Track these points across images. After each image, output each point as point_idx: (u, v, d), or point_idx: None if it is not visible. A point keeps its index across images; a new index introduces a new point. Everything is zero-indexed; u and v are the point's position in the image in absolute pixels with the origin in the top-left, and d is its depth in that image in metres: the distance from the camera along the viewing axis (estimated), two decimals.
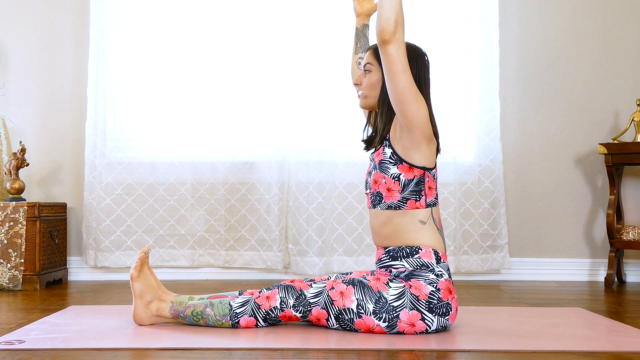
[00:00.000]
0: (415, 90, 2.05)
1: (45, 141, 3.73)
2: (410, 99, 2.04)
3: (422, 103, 2.07)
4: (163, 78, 3.66)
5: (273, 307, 2.14)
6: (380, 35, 2.00)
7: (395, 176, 2.12)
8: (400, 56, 2.01)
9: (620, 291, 3.28)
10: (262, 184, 3.62)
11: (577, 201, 3.74)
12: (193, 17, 3.67)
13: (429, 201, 2.14)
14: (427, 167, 2.13)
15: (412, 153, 2.10)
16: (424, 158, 2.12)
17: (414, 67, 2.13)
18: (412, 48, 2.18)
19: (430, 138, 2.11)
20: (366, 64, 2.22)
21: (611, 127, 3.74)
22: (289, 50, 3.64)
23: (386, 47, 2.00)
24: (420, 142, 2.09)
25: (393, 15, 1.99)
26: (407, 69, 2.03)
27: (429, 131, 2.09)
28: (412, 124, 2.06)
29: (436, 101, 3.62)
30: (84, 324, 2.27)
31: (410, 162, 2.11)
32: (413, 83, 2.05)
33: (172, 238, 3.63)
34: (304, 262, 3.56)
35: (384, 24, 1.99)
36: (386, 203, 2.15)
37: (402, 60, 2.02)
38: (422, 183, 2.13)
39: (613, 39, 3.75)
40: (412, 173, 2.12)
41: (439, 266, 2.10)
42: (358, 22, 2.53)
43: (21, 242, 3.27)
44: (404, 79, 2.03)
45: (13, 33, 3.73)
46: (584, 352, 1.89)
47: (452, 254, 3.59)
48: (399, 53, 2.01)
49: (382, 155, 2.15)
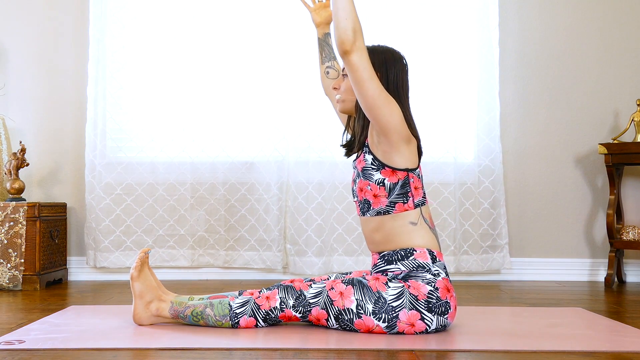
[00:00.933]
0: (385, 95, 2.05)
1: (45, 141, 3.73)
2: (381, 104, 2.03)
3: (394, 106, 2.06)
4: (163, 78, 3.66)
5: (273, 308, 2.14)
6: (340, 46, 2.00)
7: (380, 181, 2.12)
8: (364, 64, 2.01)
9: (620, 291, 3.28)
10: (262, 184, 3.62)
11: (577, 201, 3.74)
12: (193, 17, 3.67)
13: (417, 201, 2.14)
14: (410, 168, 2.13)
15: (392, 156, 2.10)
16: (405, 160, 2.11)
17: (391, 71, 2.14)
18: (389, 52, 2.18)
19: (408, 139, 2.10)
20: (344, 67, 2.22)
21: (611, 127, 3.74)
22: (289, 50, 3.64)
23: (348, 57, 2.00)
24: (399, 145, 2.09)
25: (350, 25, 1.98)
26: (373, 75, 2.03)
27: (406, 132, 2.09)
28: (388, 128, 2.06)
29: (436, 101, 3.65)
30: (84, 324, 2.27)
31: (392, 165, 2.11)
32: (381, 88, 2.04)
33: (172, 238, 3.63)
34: (303, 262, 3.56)
35: (342, 35, 1.99)
36: (375, 209, 2.15)
37: (367, 68, 2.01)
38: (408, 184, 2.13)
39: (613, 39, 3.75)
40: (395, 176, 2.11)
41: (435, 265, 2.11)
42: (319, 32, 2.54)
43: (21, 242, 3.27)
44: (372, 86, 2.02)
45: (13, 33, 3.73)
46: (584, 352, 1.89)
47: (452, 254, 3.59)
48: (362, 61, 2.00)
49: (364, 163, 2.16)
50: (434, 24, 3.67)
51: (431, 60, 3.67)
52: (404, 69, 2.19)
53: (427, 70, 3.66)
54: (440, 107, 3.66)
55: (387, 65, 2.14)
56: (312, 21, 2.55)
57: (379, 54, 2.16)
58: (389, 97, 2.06)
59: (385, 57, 2.15)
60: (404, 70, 2.19)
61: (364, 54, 2.00)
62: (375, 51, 2.17)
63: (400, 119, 2.07)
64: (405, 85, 2.19)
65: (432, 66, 3.66)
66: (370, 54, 2.13)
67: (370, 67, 2.02)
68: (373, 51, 2.16)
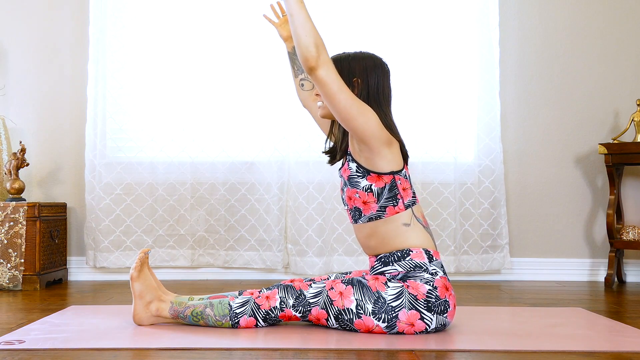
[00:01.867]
0: (357, 103, 2.04)
1: (45, 141, 3.73)
2: (355, 113, 2.03)
3: (369, 113, 2.06)
4: (163, 78, 3.66)
5: (273, 307, 2.14)
6: (305, 64, 2.00)
7: (367, 188, 2.12)
8: (332, 76, 2.01)
9: (620, 291, 3.28)
10: (262, 184, 3.62)
11: (577, 201, 3.74)
12: (193, 17, 3.67)
13: (407, 202, 2.14)
14: (395, 171, 2.13)
15: (376, 162, 2.10)
16: (389, 163, 2.11)
17: (372, 77, 2.15)
18: (370, 58, 2.19)
19: (389, 142, 2.10)
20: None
21: (611, 127, 3.74)
22: None
23: (315, 73, 2.00)
24: (380, 150, 2.09)
25: (311, 41, 1.98)
26: (343, 86, 2.02)
27: (385, 136, 2.09)
28: (366, 135, 2.06)
29: (436, 101, 3.65)
30: (84, 324, 2.27)
31: (377, 170, 2.11)
32: (353, 97, 2.04)
33: (172, 238, 3.63)
34: (304, 262, 3.56)
35: (305, 52, 1.98)
36: (366, 216, 2.16)
37: (335, 80, 2.01)
38: (395, 187, 2.13)
39: (613, 39, 3.75)
40: (382, 181, 2.11)
41: (433, 264, 2.11)
42: (287, 46, 2.54)
43: (21, 242, 3.27)
44: (343, 97, 2.02)
45: (13, 33, 3.73)
46: (584, 352, 1.89)
47: (452, 254, 3.59)
48: (329, 74, 2.00)
49: (349, 171, 2.16)
50: (434, 24, 3.68)
51: (431, 60, 3.67)
52: (385, 75, 2.19)
53: (427, 70, 3.66)
54: (441, 107, 3.66)
55: (368, 72, 2.15)
56: (279, 36, 2.56)
57: (360, 61, 2.17)
58: (362, 105, 2.06)
59: (365, 64, 2.16)
60: (385, 76, 2.19)
61: (330, 66, 2.00)
62: (356, 58, 2.18)
63: (377, 124, 2.07)
64: (386, 90, 2.19)
65: (432, 66, 3.66)
66: (352, 60, 2.16)
67: (339, 78, 2.02)
68: (354, 58, 2.18)
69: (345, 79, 2.12)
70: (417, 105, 3.66)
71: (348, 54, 2.20)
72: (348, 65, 2.16)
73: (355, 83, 2.14)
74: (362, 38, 3.65)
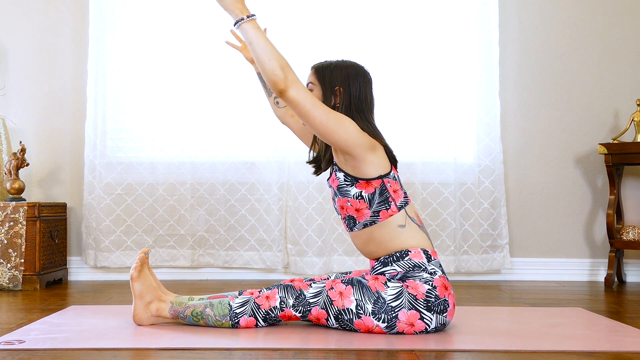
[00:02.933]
0: (333, 115, 2.05)
1: (45, 141, 3.73)
2: (333, 127, 2.04)
3: (346, 122, 2.06)
4: (163, 78, 3.66)
5: (273, 307, 2.14)
6: (274, 88, 2.00)
7: (358, 195, 2.13)
8: (303, 95, 2.01)
9: (620, 291, 3.28)
10: (262, 184, 3.62)
11: (577, 201, 3.74)
12: (193, 17, 3.67)
13: (399, 203, 2.15)
14: (383, 174, 2.13)
15: (362, 169, 2.11)
16: (376, 167, 2.12)
17: (353, 85, 2.16)
18: (352, 66, 2.20)
19: (372, 147, 2.11)
20: (308, 83, 2.24)
21: (611, 127, 3.74)
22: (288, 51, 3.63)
23: (285, 95, 2.00)
24: (364, 156, 2.09)
25: (275, 64, 1.98)
26: (315, 102, 2.03)
27: (368, 141, 2.09)
28: (348, 146, 2.06)
29: (436, 101, 3.65)
30: (84, 324, 2.27)
31: (365, 177, 2.11)
32: (328, 111, 2.04)
33: (172, 238, 3.63)
34: (304, 262, 3.56)
35: (271, 76, 1.99)
36: (361, 223, 2.16)
37: (307, 97, 2.02)
38: (385, 190, 2.13)
39: (613, 39, 3.75)
40: (371, 186, 2.12)
41: (431, 264, 2.11)
42: (255, 67, 2.53)
43: (21, 242, 3.27)
44: (317, 113, 2.02)
45: (13, 33, 3.73)
46: (584, 352, 1.89)
47: (452, 254, 3.59)
48: (300, 93, 2.01)
49: (338, 181, 2.17)
50: (434, 24, 3.68)
51: (431, 60, 3.67)
52: (367, 83, 2.21)
53: (427, 70, 3.66)
54: (441, 107, 3.66)
55: (350, 80, 2.17)
56: (245, 59, 2.55)
57: (342, 69, 2.19)
58: (338, 116, 2.06)
59: (347, 72, 2.18)
60: (367, 84, 2.21)
61: (299, 85, 2.01)
62: (338, 66, 2.20)
63: (356, 131, 2.07)
64: (369, 98, 2.21)
65: (432, 66, 3.66)
66: (334, 69, 2.18)
67: (310, 95, 2.03)
68: (336, 66, 2.20)
69: (327, 88, 2.16)
70: (417, 105, 3.66)
71: (330, 62, 2.23)
72: (330, 74, 2.18)
73: (338, 91, 2.17)
74: (362, 38, 3.66)
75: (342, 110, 2.16)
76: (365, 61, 3.63)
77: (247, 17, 2.04)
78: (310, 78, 2.24)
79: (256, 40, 2.01)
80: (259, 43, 2.01)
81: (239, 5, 2.05)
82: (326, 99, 2.18)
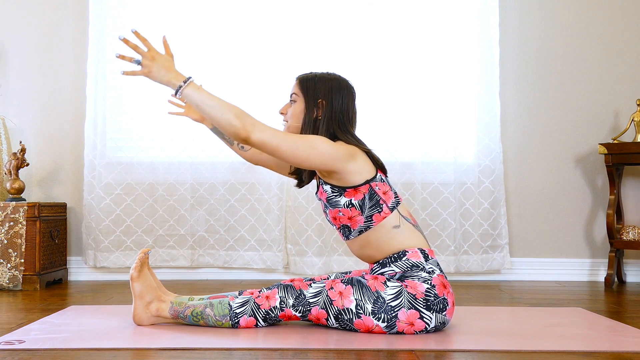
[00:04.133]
0: (301, 142, 2.04)
1: (45, 141, 3.73)
2: (305, 154, 2.04)
3: (316, 143, 2.05)
4: None
5: (273, 307, 2.14)
6: (236, 137, 2.01)
7: (348, 204, 2.13)
8: (267, 134, 2.01)
9: (620, 291, 3.28)
10: (262, 184, 3.62)
11: (577, 201, 3.74)
12: (193, 17, 3.67)
13: (391, 204, 2.15)
14: (369, 178, 2.13)
15: (347, 178, 2.11)
16: (361, 173, 2.12)
17: (336, 98, 2.17)
18: (335, 80, 2.21)
19: (351, 155, 2.10)
20: (292, 94, 2.25)
21: (611, 127, 3.74)
22: (288, 51, 3.64)
23: (250, 141, 2.01)
24: (346, 166, 2.09)
25: (230, 116, 1.99)
26: (278, 135, 2.02)
27: (344, 152, 2.09)
28: (325, 165, 2.07)
29: (436, 101, 3.65)
30: (84, 324, 2.27)
31: (352, 184, 2.12)
32: (293, 140, 2.03)
33: (172, 238, 3.63)
34: (304, 262, 3.56)
35: (229, 128, 2.00)
36: (356, 230, 2.17)
37: (271, 135, 2.01)
38: (375, 193, 2.13)
39: (613, 39, 3.75)
40: (360, 193, 2.12)
41: (429, 263, 2.11)
42: (206, 124, 2.51)
43: (21, 242, 3.27)
44: (286, 146, 2.02)
45: (13, 33, 3.73)
46: (584, 352, 1.89)
47: (452, 254, 3.59)
48: (263, 134, 2.01)
49: (325, 193, 2.17)
50: (435, 24, 3.68)
51: (431, 60, 3.67)
52: (350, 97, 2.21)
53: (427, 70, 3.66)
54: (441, 107, 3.66)
55: (333, 93, 2.18)
56: (193, 120, 2.51)
57: (326, 82, 2.20)
58: (307, 141, 2.05)
59: (331, 85, 2.19)
60: (350, 98, 2.22)
61: (259, 126, 2.01)
62: (322, 79, 2.21)
63: (330, 147, 2.06)
64: (351, 111, 2.21)
65: (432, 66, 3.66)
66: (318, 81, 2.19)
67: (273, 130, 2.03)
68: (320, 79, 2.21)
69: (310, 100, 2.17)
70: (417, 105, 3.66)
71: (315, 74, 2.24)
72: (314, 86, 2.19)
73: (320, 104, 2.18)
74: (362, 38, 3.66)
75: (323, 122, 2.16)
76: (365, 61, 3.65)
77: (184, 82, 2.02)
78: (294, 89, 2.25)
79: (202, 100, 2.01)
80: (205, 102, 2.01)
81: (172, 74, 2.04)
82: (309, 110, 2.19)
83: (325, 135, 2.16)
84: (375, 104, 3.64)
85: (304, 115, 2.20)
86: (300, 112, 2.22)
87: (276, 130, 2.04)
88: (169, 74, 2.04)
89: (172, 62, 2.07)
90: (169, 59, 2.06)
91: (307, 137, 2.07)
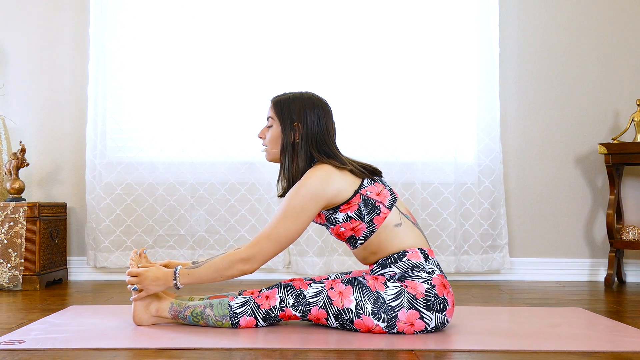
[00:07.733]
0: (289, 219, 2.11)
1: (45, 141, 3.73)
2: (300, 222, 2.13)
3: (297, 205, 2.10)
4: (163, 78, 3.66)
5: (273, 307, 2.14)
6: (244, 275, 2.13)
7: (346, 218, 2.15)
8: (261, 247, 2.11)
9: (620, 291, 3.28)
10: (262, 184, 3.62)
11: (577, 201, 3.74)
12: (193, 17, 3.67)
13: (388, 203, 2.16)
14: (357, 188, 2.14)
15: (338, 197, 2.13)
16: (349, 185, 2.14)
17: (310, 116, 2.20)
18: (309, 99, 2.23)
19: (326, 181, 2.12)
20: (268, 117, 2.27)
21: (611, 127, 3.74)
22: (288, 51, 3.64)
23: (256, 268, 2.13)
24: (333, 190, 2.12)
25: (229, 273, 2.12)
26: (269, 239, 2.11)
27: (330, 189, 2.11)
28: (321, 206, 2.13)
29: (436, 101, 3.65)
30: (84, 324, 2.27)
31: (343, 200, 2.13)
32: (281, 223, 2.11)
33: (172, 238, 3.63)
34: (304, 262, 3.56)
35: (237, 276, 2.13)
36: (362, 237, 2.18)
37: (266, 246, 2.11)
38: (368, 199, 2.14)
39: (613, 39, 3.75)
40: (353, 205, 2.13)
41: (429, 263, 2.12)
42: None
43: (21, 242, 3.27)
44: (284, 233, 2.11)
45: (13, 33, 3.73)
46: (584, 352, 1.89)
47: (452, 254, 3.59)
48: (259, 254, 2.11)
49: (323, 215, 2.21)
50: (435, 24, 3.68)
51: (431, 60, 3.67)
52: (325, 113, 2.23)
53: (427, 70, 3.66)
54: (441, 107, 3.66)
55: (306, 111, 2.20)
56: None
57: (298, 102, 2.22)
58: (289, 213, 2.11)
59: (303, 104, 2.21)
60: (326, 115, 2.23)
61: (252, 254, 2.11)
62: (295, 99, 2.23)
63: (315, 195, 2.10)
64: (329, 129, 2.23)
65: (432, 66, 3.66)
66: (291, 102, 2.21)
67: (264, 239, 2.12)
68: (293, 99, 2.23)
69: (285, 123, 2.20)
70: (418, 105, 3.66)
71: (288, 95, 2.26)
72: (287, 108, 2.22)
73: (296, 127, 2.20)
74: (362, 38, 3.66)
75: (302, 146, 2.19)
76: (365, 61, 3.65)
77: (174, 279, 2.14)
78: (270, 112, 2.27)
79: (198, 279, 2.14)
80: (202, 279, 2.14)
81: (162, 280, 2.16)
82: (285, 135, 2.21)
83: (304, 157, 2.19)
84: (375, 104, 3.64)
85: (282, 140, 2.23)
86: (277, 137, 2.24)
87: (260, 238, 2.12)
88: (160, 282, 2.15)
89: (156, 270, 2.17)
90: (152, 269, 2.17)
91: (287, 210, 2.12)
